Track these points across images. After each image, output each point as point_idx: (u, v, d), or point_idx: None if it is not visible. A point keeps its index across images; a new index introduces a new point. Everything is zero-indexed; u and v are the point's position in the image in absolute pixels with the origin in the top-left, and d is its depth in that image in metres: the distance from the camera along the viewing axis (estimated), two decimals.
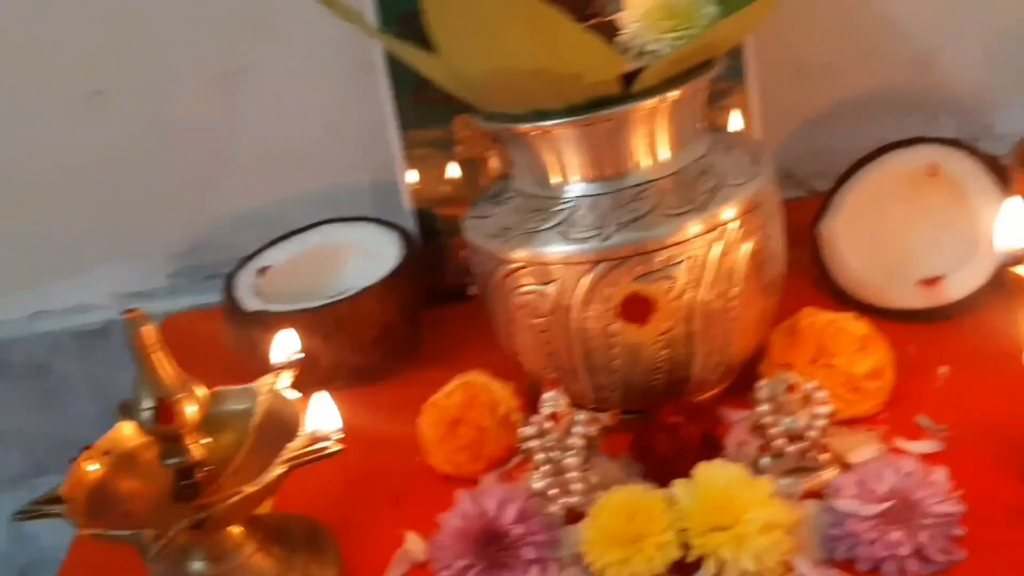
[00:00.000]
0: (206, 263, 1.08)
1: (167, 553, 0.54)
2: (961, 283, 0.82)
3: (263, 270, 0.93)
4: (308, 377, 0.86)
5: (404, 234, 0.93)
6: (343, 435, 0.61)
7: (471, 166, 0.96)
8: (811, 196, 0.93)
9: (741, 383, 0.75)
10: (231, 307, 0.88)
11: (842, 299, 0.87)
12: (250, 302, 0.88)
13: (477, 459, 0.76)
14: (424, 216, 0.98)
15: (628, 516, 0.63)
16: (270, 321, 0.82)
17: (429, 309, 0.98)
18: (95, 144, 1.04)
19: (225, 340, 0.89)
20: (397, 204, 0.98)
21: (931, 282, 0.83)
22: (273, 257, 0.94)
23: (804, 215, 0.91)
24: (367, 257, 0.91)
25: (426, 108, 0.94)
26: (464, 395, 0.77)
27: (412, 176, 0.96)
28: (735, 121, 0.97)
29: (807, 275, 0.91)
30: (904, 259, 0.86)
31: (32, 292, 1.11)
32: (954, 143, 0.85)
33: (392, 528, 0.72)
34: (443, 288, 0.99)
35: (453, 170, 0.96)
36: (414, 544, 0.70)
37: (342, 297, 0.85)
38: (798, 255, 0.91)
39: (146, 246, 1.10)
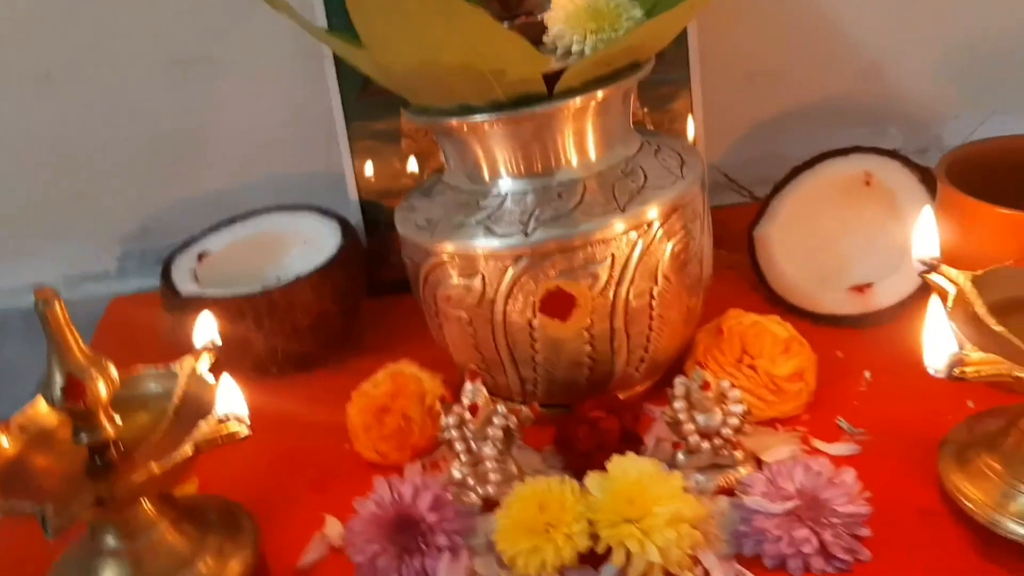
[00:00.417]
0: (156, 247, 1.08)
1: (69, 528, 0.54)
2: (890, 291, 0.83)
3: (202, 255, 0.93)
4: (242, 362, 0.87)
5: (345, 224, 0.94)
6: (249, 420, 0.61)
7: (421, 160, 0.97)
8: (753, 201, 0.94)
9: (666, 381, 0.75)
10: (167, 291, 0.88)
11: (775, 303, 0.88)
12: (186, 286, 0.88)
13: (403, 448, 0.77)
14: (370, 208, 0.98)
15: (539, 506, 0.64)
16: (205, 305, 0.82)
17: (373, 299, 0.99)
18: (48, 125, 1.04)
19: (162, 324, 0.89)
20: (344, 196, 0.98)
21: (861, 289, 0.85)
22: (213, 243, 0.95)
23: (746, 220, 0.92)
24: (308, 246, 0.92)
25: (374, 101, 0.94)
26: (392, 385, 0.78)
27: (368, 169, 0.96)
28: (681, 125, 0.98)
29: (746, 279, 0.93)
30: (836, 265, 0.87)
31: None
32: (890, 153, 0.86)
33: (314, 512, 0.73)
34: (387, 280, 0.99)
35: (404, 164, 0.97)
36: (333, 528, 0.71)
37: (277, 285, 0.85)
38: (738, 259, 0.93)
39: (97, 229, 1.10)
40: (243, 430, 0.60)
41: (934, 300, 0.60)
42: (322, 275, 0.86)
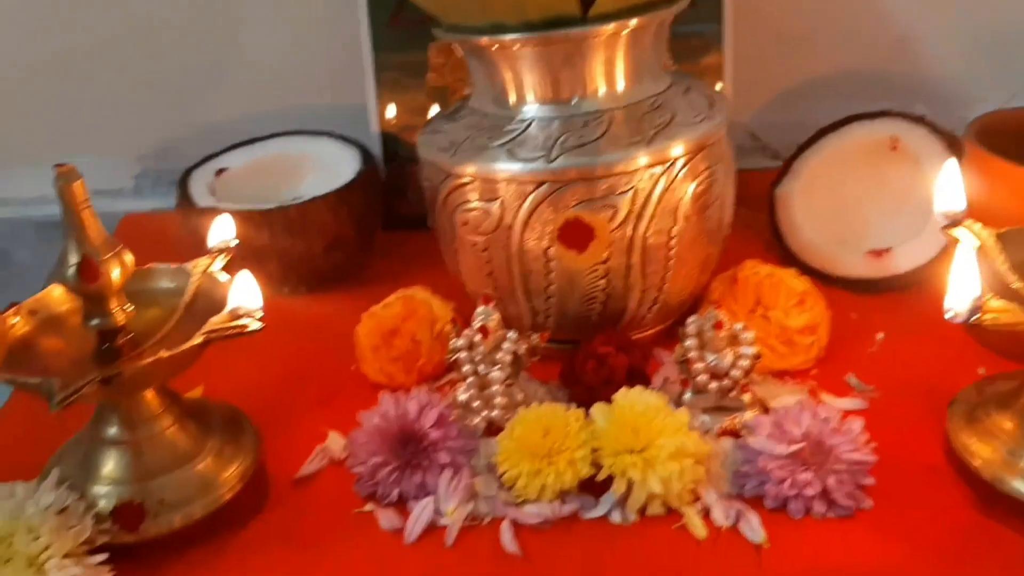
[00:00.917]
0: (173, 169, 1.06)
1: (72, 402, 0.54)
2: (908, 256, 0.83)
3: (220, 171, 0.93)
4: (257, 278, 0.87)
5: (364, 152, 0.93)
6: (263, 313, 0.61)
7: (445, 98, 0.96)
8: (775, 160, 0.93)
9: (677, 328, 0.75)
10: (184, 202, 0.88)
11: (792, 263, 0.87)
12: (203, 199, 0.88)
13: (410, 371, 0.77)
14: (391, 142, 0.98)
15: (544, 431, 0.64)
16: None
17: (387, 232, 0.99)
18: (74, 37, 1.04)
19: (177, 235, 0.89)
20: (365, 127, 0.98)
21: (879, 253, 0.84)
22: (232, 160, 0.94)
23: (770, 184, 0.92)
24: (326, 171, 0.91)
25: (402, 31, 0.94)
26: (403, 307, 0.78)
27: (390, 111, 0.96)
28: (710, 81, 0.97)
29: (763, 238, 0.92)
30: (856, 229, 0.87)
31: None
32: (917, 119, 0.85)
33: (316, 427, 0.73)
34: (404, 215, 0.99)
35: (429, 100, 0.96)
36: (335, 443, 0.71)
37: (294, 202, 0.85)
38: (757, 218, 0.93)
39: (116, 145, 1.09)
40: (254, 323, 0.60)
41: (962, 246, 0.59)
42: (340, 197, 0.86)
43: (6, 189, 1.12)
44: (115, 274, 0.60)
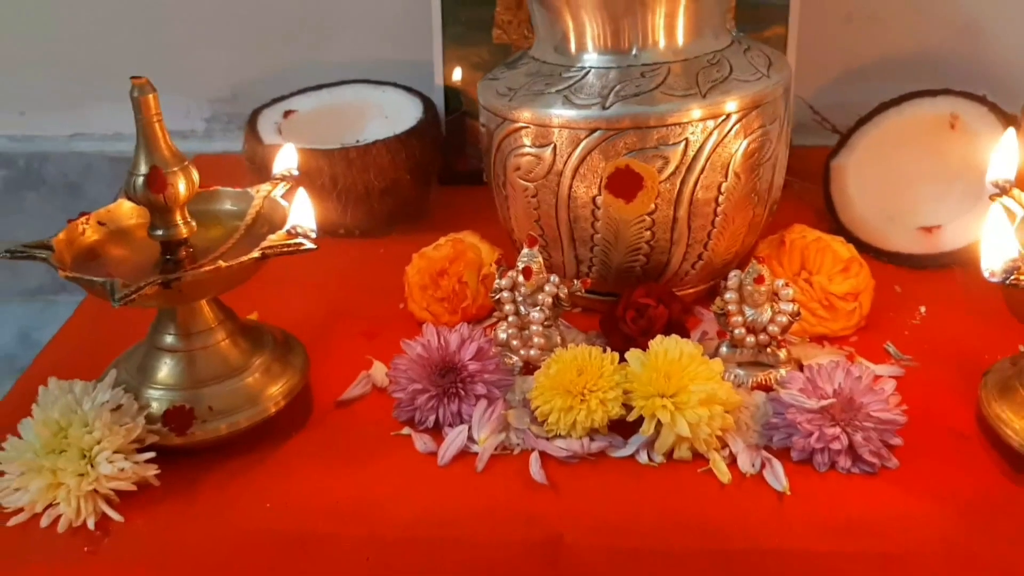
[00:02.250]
0: (243, 113, 1.11)
1: (133, 300, 0.57)
2: (958, 234, 0.83)
3: (288, 113, 0.96)
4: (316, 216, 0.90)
5: (427, 102, 0.95)
6: (316, 234, 0.63)
7: (507, 53, 0.98)
8: (836, 137, 0.93)
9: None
10: (251, 138, 0.91)
11: (841, 235, 0.87)
12: (270, 138, 0.91)
13: (454, 312, 0.79)
14: (454, 95, 1.00)
15: (578, 370, 0.66)
16: None
17: (445, 187, 1.01)
18: None
19: (243, 175, 0.92)
20: (430, 81, 1.00)
21: (929, 230, 0.84)
22: (300, 103, 0.98)
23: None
24: (389, 119, 0.94)
25: None
26: (452, 249, 0.80)
27: (457, 74, 0.98)
28: None
29: (814, 209, 0.93)
30: (908, 205, 0.87)
31: (75, 113, 1.15)
32: (979, 99, 0.85)
33: (362, 357, 0.76)
34: (462, 171, 1.01)
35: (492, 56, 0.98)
36: (378, 371, 0.74)
37: (355, 144, 0.87)
38: (810, 188, 0.93)
39: (189, 87, 1.14)
40: (308, 243, 0.62)
41: (996, 207, 0.59)
42: (400, 141, 0.88)
43: (82, 124, 1.16)
44: (181, 187, 0.63)
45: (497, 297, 0.72)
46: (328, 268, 0.88)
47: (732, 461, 0.64)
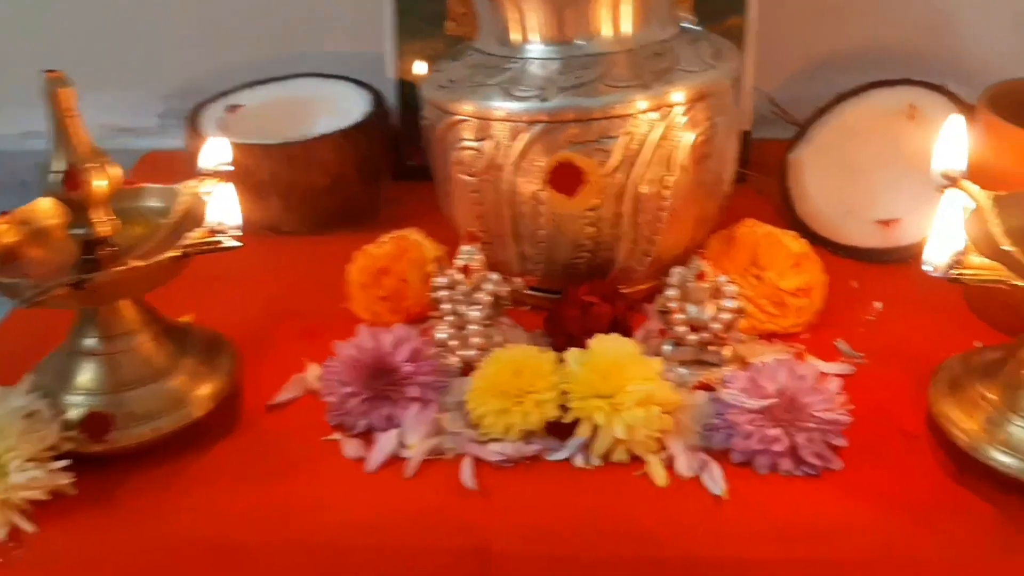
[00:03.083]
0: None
1: (42, 301, 0.55)
2: (916, 227, 0.81)
3: (233, 108, 0.93)
4: (257, 217, 0.88)
5: (377, 96, 0.93)
6: (241, 231, 0.61)
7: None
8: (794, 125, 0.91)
9: None
10: (193, 134, 0.89)
11: (800, 230, 0.85)
12: (211, 133, 0.88)
13: (396, 311, 0.77)
14: (409, 90, 0.98)
15: (515, 371, 0.64)
16: None
17: (399, 183, 0.99)
18: None
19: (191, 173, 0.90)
20: (382, 74, 0.98)
21: (887, 223, 0.82)
22: (246, 98, 0.95)
23: None
24: (339, 114, 0.92)
25: None
26: (395, 247, 0.78)
27: (418, 68, 0.96)
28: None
29: (772, 204, 0.91)
30: (866, 197, 0.85)
31: (26, 110, 1.12)
32: (938, 88, 0.83)
33: (298, 359, 0.73)
34: (417, 166, 0.98)
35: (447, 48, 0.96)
36: (313, 373, 0.71)
37: (298, 139, 0.85)
38: (768, 183, 0.91)
39: (141, 82, 1.11)
40: (230, 240, 0.60)
41: (947, 198, 0.57)
42: (345, 136, 0.86)
43: (32, 122, 1.13)
44: (99, 184, 0.61)
45: (435, 296, 0.70)
46: (271, 267, 0.85)
47: (671, 463, 0.62)
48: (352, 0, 1.03)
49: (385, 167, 0.94)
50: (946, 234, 0.55)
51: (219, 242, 0.60)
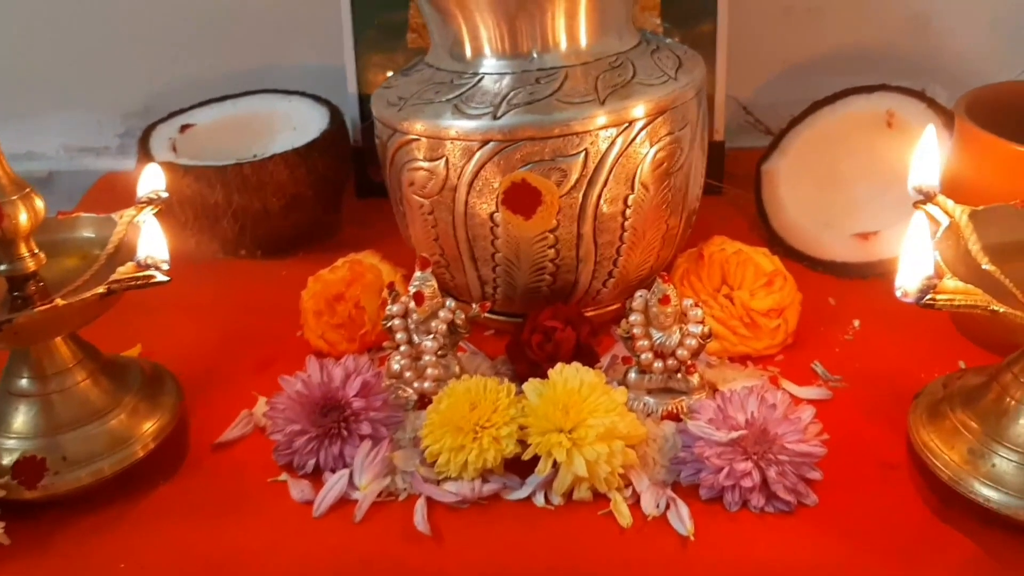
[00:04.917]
0: None
1: None
2: (896, 240, 0.76)
3: (185, 127, 0.90)
4: (209, 240, 0.85)
5: (335, 112, 0.90)
6: (169, 265, 0.57)
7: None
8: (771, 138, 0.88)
9: None
10: (143, 156, 0.85)
11: (774, 244, 0.82)
12: (163, 155, 0.85)
13: (352, 339, 0.73)
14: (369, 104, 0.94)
15: (471, 405, 0.60)
16: (178, 173, 0.80)
17: (362, 200, 0.96)
18: None
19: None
20: (343, 88, 0.94)
21: (866, 236, 0.79)
22: (199, 116, 0.92)
23: None
24: (297, 131, 0.88)
25: None
26: (349, 272, 0.74)
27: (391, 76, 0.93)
28: (707, 52, 0.91)
29: (746, 217, 0.87)
30: (844, 209, 0.81)
31: None
32: (916, 94, 0.80)
33: (248, 393, 0.70)
34: (380, 182, 0.95)
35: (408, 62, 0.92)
36: (262, 408, 0.68)
37: (251, 159, 0.82)
38: (742, 195, 0.88)
39: (100, 102, 1.08)
40: (160, 275, 0.56)
41: (918, 219, 0.54)
42: (299, 155, 0.82)
43: None
44: (22, 218, 0.57)
45: (388, 325, 0.67)
46: (224, 294, 0.82)
47: (636, 501, 0.58)
48: (312, 13, 0.99)
49: (345, 185, 0.90)
50: (917, 258, 0.51)
51: (150, 276, 0.56)
